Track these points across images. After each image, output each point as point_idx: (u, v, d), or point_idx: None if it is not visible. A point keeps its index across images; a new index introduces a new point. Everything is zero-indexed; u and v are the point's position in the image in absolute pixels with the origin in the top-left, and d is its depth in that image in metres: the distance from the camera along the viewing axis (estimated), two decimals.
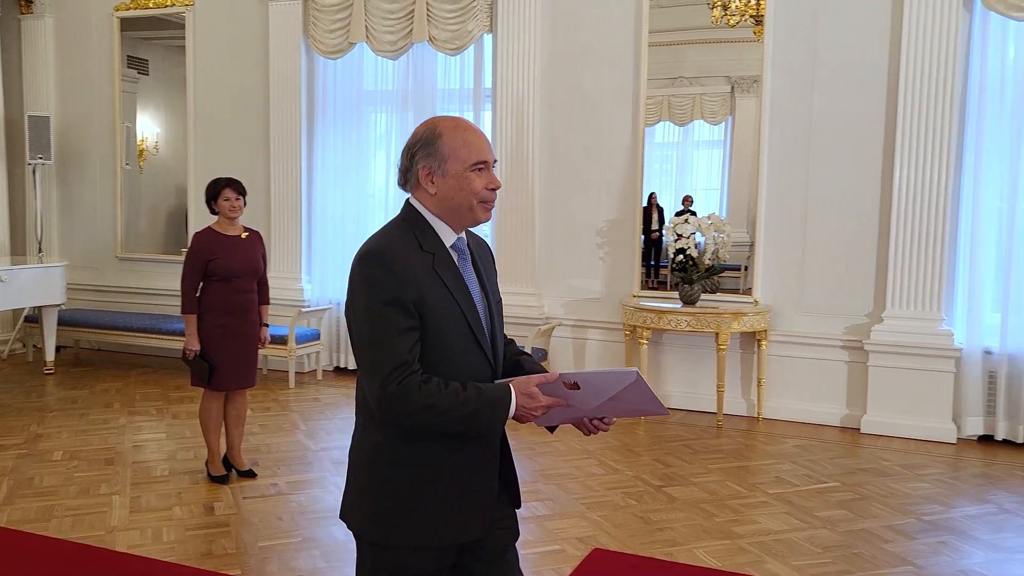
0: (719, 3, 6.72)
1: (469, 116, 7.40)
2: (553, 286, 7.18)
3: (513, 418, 1.98)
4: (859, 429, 6.16)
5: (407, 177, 2.05)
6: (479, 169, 2.01)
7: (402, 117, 7.61)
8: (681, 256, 6.40)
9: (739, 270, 6.85)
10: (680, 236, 6.37)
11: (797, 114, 6.41)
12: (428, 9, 7.24)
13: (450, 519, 2.01)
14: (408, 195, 2.08)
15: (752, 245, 6.66)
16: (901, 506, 4.72)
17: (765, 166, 6.51)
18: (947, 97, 5.87)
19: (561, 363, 7.06)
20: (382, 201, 7.80)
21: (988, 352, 5.94)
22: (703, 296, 6.51)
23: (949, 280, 6.05)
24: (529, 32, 7.01)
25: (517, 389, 1.98)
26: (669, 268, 6.69)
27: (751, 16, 6.65)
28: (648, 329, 6.38)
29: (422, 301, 1.94)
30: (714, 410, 6.38)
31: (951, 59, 5.84)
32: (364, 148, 7.85)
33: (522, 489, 2.22)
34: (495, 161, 2.06)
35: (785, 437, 6.06)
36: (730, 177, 7.06)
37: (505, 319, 6.66)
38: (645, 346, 6.40)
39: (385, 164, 7.78)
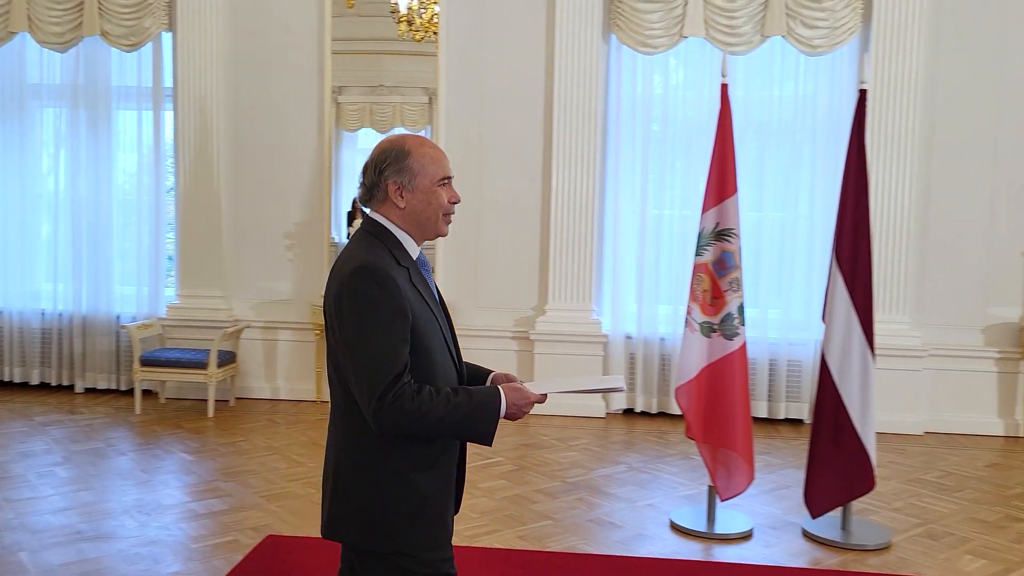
0: (404, 18, 7.13)
1: (148, 116, 7.18)
2: (241, 288, 7.20)
3: (504, 417, 2.08)
4: None
5: (373, 193, 2.13)
6: (443, 184, 2.14)
7: (73, 114, 7.18)
8: None
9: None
10: None
11: (470, 126, 7.01)
12: (100, 2, 6.93)
13: (447, 520, 2.16)
14: (367, 210, 2.17)
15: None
16: (551, 473, 5.40)
17: None
18: (591, 117, 6.76)
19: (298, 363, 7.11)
20: (51, 202, 7.31)
21: (629, 337, 6.92)
22: None
23: (597, 275, 6.97)
24: (210, 33, 6.96)
25: (505, 389, 2.09)
26: None
27: (434, 33, 7.13)
28: None
29: (413, 315, 2.03)
30: None
31: (594, 85, 6.73)
32: (30, 146, 7.30)
33: (201, 488, 2.36)
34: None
35: None
36: None
37: (187, 321, 6.83)
38: None
39: (54, 163, 7.30)
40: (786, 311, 6.80)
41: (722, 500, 4.43)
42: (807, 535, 4.42)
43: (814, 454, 4.43)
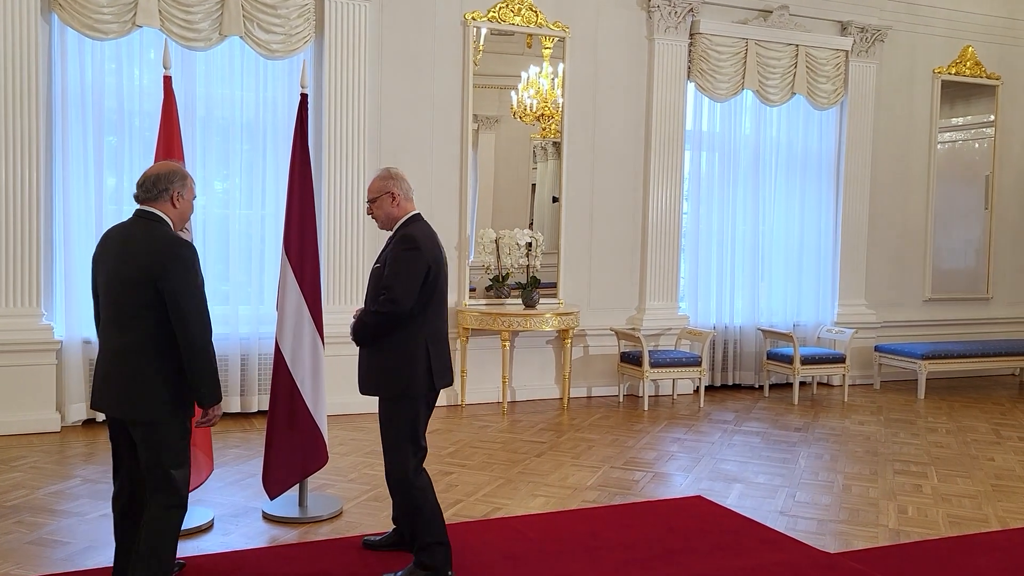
0: None
1: None
2: None
3: None
4: None
5: (160, 194, 3.27)
6: (194, 199, 3.44)
7: None
8: None
9: None
10: None
11: None
12: None
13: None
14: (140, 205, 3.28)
15: None
16: None
17: None
18: (32, 102, 6.10)
19: None
20: None
21: (87, 341, 6.39)
22: None
23: (47, 276, 6.33)
24: None
25: None
26: None
27: None
28: None
29: None
30: None
31: (34, 67, 6.08)
32: None
33: None
34: None
35: None
36: None
37: None
38: None
39: None
40: (256, 306, 6.94)
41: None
42: (267, 517, 4.60)
43: (271, 438, 4.61)
